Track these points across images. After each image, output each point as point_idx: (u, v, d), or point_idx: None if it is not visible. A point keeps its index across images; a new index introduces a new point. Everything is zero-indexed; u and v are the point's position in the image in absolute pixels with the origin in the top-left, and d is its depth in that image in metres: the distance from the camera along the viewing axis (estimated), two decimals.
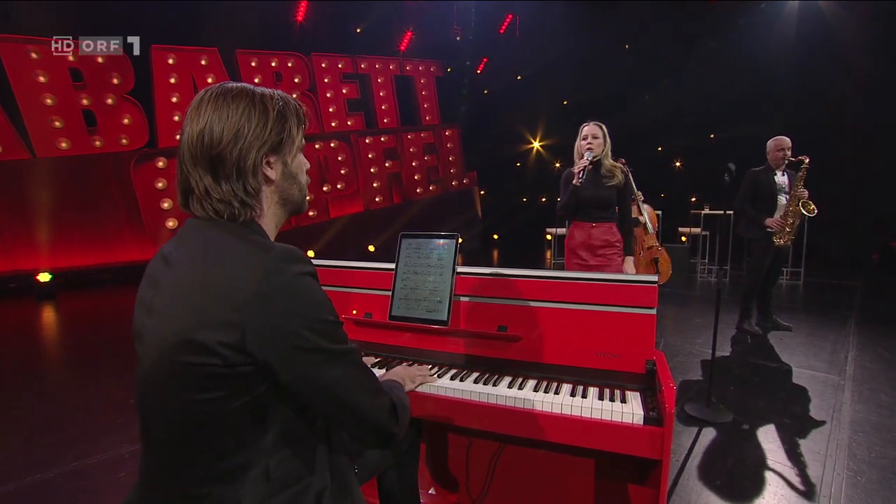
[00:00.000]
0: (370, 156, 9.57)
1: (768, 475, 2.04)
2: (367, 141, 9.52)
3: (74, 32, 6.08)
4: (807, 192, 3.86)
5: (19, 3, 5.70)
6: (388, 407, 0.83)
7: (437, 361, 1.42)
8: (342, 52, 9.11)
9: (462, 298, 1.49)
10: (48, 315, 5.18)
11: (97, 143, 6.43)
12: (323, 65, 8.83)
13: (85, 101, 6.27)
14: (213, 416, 0.70)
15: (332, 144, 8.98)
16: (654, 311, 1.27)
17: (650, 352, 1.26)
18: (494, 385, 1.25)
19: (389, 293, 1.57)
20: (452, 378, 1.30)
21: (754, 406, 2.74)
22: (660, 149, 11.02)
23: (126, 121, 6.59)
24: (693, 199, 9.33)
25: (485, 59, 11.28)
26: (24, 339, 4.27)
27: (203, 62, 7.22)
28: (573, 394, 1.18)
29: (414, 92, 10.39)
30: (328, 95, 8.95)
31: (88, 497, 1.88)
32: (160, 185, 6.79)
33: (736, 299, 4.37)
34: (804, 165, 3.84)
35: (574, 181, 2.55)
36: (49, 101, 6.03)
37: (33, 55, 5.88)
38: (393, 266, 1.59)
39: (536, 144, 12.21)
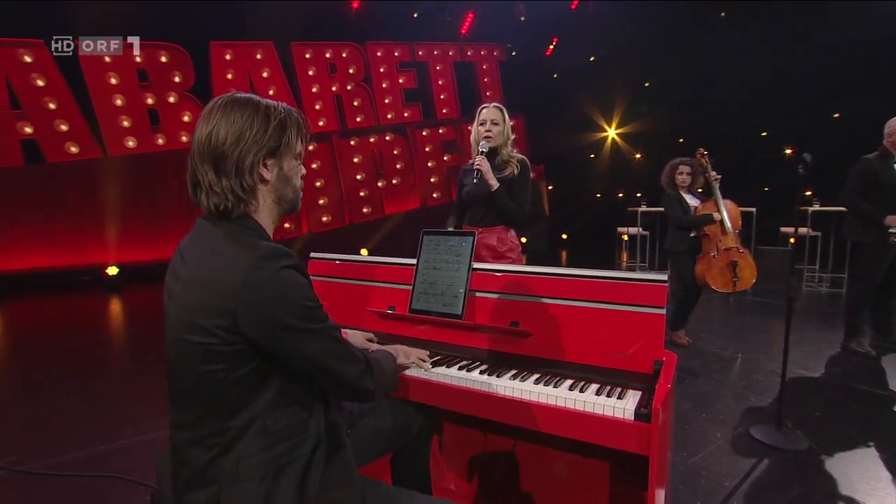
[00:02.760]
0: (427, 149, 9.94)
1: None
2: (424, 133, 9.90)
3: (143, 33, 7.04)
4: None
5: (96, 5, 6.70)
6: (361, 369, 1.09)
7: (450, 353, 1.63)
8: (399, 39, 9.56)
9: (478, 294, 1.69)
10: (115, 307, 6.05)
11: (160, 140, 7.37)
12: (378, 53, 9.34)
13: (150, 101, 7.22)
14: (219, 383, 0.96)
15: (387, 138, 9.45)
16: (663, 311, 1.38)
17: (659, 352, 1.38)
18: (498, 377, 1.43)
19: (411, 287, 1.80)
20: (460, 368, 1.50)
21: (843, 436, 2.64)
22: (764, 133, 10.35)
23: (186, 118, 7.47)
24: (808, 193, 8.66)
25: (554, 40, 11.26)
26: (94, 329, 5.07)
27: (259, 56, 7.98)
28: (572, 388, 1.33)
29: (475, 79, 10.63)
30: (384, 86, 9.44)
31: (143, 466, 2.31)
32: None
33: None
34: None
35: (470, 180, 2.43)
36: (119, 102, 7.04)
37: (107, 59, 6.87)
38: (415, 262, 1.83)
39: (612, 133, 11.97)
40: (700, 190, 4.20)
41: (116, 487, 2.19)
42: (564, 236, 12.36)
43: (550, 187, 12.39)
